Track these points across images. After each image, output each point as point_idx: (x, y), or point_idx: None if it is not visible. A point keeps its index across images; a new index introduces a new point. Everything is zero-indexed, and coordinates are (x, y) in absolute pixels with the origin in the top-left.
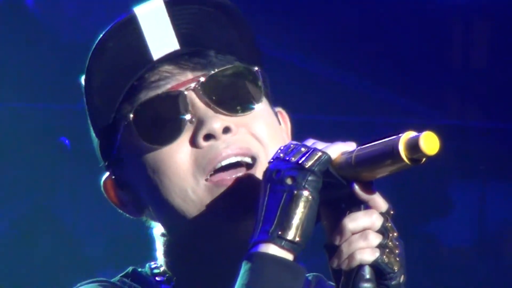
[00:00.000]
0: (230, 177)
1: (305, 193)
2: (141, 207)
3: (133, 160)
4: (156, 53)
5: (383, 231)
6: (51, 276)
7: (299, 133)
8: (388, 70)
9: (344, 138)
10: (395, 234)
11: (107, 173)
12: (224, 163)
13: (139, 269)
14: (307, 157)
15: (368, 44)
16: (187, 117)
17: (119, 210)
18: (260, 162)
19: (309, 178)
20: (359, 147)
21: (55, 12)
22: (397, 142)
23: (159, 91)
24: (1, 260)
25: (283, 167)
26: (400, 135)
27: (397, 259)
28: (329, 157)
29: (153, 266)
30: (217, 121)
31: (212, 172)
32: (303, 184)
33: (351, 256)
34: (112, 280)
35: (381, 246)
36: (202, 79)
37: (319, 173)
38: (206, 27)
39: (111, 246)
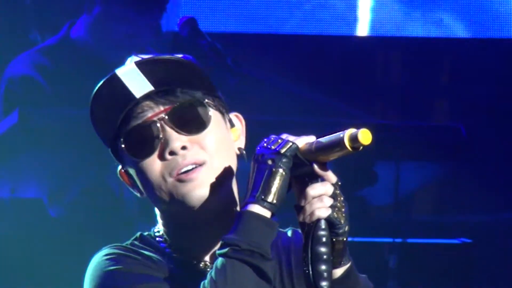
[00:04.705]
0: (186, 176)
1: (281, 170)
2: (140, 191)
3: (129, 166)
4: (138, 94)
5: (333, 196)
6: (104, 226)
7: (251, 130)
8: (331, 81)
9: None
10: (342, 198)
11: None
12: (183, 170)
13: (145, 233)
14: (282, 145)
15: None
16: (159, 138)
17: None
18: (207, 165)
19: (283, 160)
20: (317, 139)
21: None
22: (343, 136)
23: (140, 120)
24: (75, 215)
25: (266, 152)
26: (345, 131)
27: (343, 215)
28: (297, 146)
29: (155, 231)
30: (177, 141)
31: (175, 175)
32: (279, 164)
33: (312, 213)
34: (125, 244)
35: (332, 206)
36: (168, 110)
37: (290, 157)
38: (171, 72)
39: (144, 207)
